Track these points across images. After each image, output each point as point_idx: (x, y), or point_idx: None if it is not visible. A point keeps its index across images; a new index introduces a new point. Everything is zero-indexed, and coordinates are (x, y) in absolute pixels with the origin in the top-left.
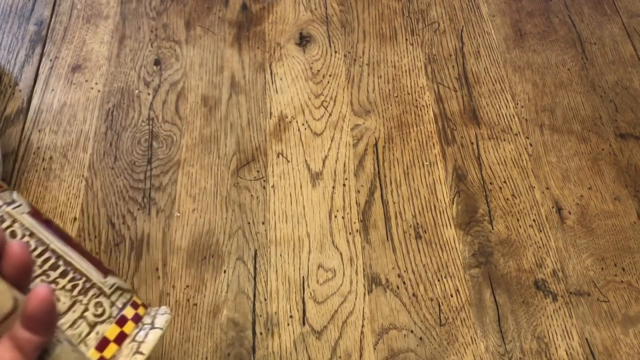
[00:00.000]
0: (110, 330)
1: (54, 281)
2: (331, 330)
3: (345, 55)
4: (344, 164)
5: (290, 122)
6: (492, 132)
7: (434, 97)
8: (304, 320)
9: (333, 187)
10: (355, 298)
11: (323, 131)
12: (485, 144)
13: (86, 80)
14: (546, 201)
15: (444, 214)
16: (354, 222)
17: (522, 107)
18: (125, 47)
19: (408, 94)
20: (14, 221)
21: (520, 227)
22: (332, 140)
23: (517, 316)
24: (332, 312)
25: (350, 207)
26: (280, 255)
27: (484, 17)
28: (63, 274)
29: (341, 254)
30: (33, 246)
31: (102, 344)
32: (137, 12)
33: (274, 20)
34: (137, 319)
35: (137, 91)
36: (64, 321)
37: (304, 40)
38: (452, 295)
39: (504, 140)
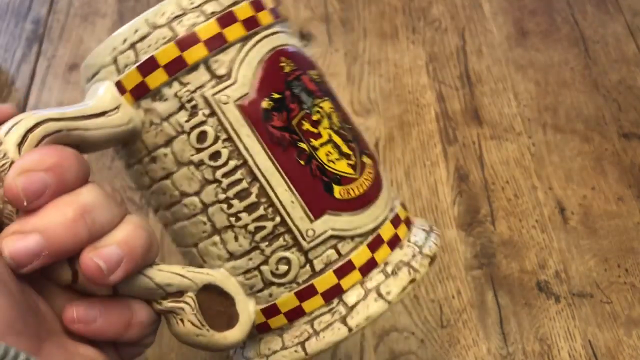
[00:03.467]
0: (284, 299)
1: (236, 215)
2: None
3: (345, 54)
4: None
5: None
6: (494, 132)
7: (436, 96)
8: None
9: None
10: None
11: None
12: (488, 143)
13: None
14: (549, 202)
15: (445, 214)
16: None
17: (525, 106)
18: None
19: (409, 93)
20: (212, 114)
21: (522, 227)
22: None
23: (519, 318)
24: None
25: None
26: None
27: (486, 15)
28: (250, 208)
29: None
30: (224, 157)
31: (270, 311)
32: (135, 11)
33: None
34: (333, 292)
35: None
36: (237, 265)
37: (304, 39)
38: (453, 297)
39: (506, 139)
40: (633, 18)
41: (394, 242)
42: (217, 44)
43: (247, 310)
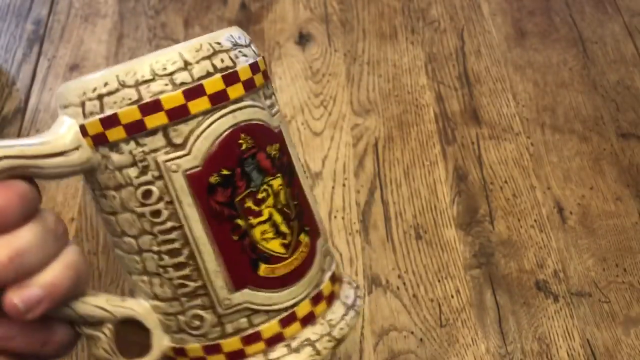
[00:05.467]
0: (193, 347)
1: (164, 268)
2: None
3: (345, 54)
4: (344, 164)
5: (289, 121)
6: (493, 132)
7: (435, 96)
8: None
9: (333, 187)
10: None
11: (323, 131)
12: (486, 143)
13: None
14: (547, 201)
15: (444, 214)
16: (354, 223)
17: (523, 106)
18: (123, 46)
19: (408, 93)
20: (159, 177)
21: (521, 227)
22: (331, 140)
23: (518, 317)
24: None
25: (350, 208)
26: None
27: (485, 15)
28: (178, 266)
29: (341, 255)
30: (163, 217)
31: (180, 352)
32: (135, 11)
33: (273, 19)
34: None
35: None
36: (159, 306)
37: (303, 39)
38: (452, 296)
39: (505, 139)
40: (631, 19)
41: (308, 320)
42: (179, 114)
43: (160, 344)
